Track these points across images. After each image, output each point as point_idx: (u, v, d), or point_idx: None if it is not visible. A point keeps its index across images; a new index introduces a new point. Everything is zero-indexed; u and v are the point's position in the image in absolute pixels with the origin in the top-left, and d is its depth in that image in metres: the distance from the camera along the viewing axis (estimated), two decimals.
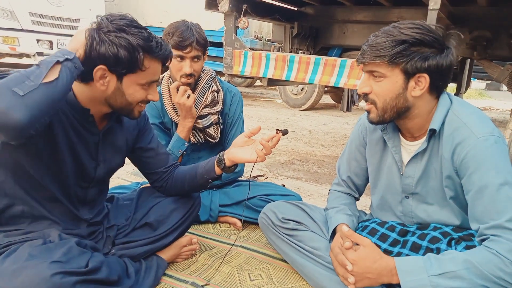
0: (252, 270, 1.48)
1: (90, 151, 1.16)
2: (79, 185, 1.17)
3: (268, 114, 5.79)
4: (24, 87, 0.82)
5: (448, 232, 1.17)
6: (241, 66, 2.73)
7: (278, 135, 1.23)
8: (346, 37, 3.53)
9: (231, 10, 2.66)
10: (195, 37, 1.61)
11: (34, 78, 0.84)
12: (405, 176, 1.23)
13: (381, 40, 1.08)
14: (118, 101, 1.06)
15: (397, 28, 1.08)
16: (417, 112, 1.14)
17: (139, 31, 1.01)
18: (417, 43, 1.05)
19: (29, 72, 0.85)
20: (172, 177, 1.39)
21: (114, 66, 1.00)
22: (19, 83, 0.82)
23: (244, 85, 9.26)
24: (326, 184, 2.71)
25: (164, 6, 7.37)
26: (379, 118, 1.15)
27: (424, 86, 1.09)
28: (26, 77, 0.84)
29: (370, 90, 1.14)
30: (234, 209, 1.87)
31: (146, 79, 1.05)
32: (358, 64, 1.17)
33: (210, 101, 1.80)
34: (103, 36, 0.97)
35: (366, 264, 1.07)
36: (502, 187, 1.00)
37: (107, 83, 1.03)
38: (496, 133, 1.06)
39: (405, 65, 1.06)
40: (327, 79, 2.34)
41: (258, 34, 6.79)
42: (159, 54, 1.04)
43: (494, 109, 8.58)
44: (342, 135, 4.58)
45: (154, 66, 1.05)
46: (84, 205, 1.22)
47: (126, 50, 0.98)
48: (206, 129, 1.82)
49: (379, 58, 1.08)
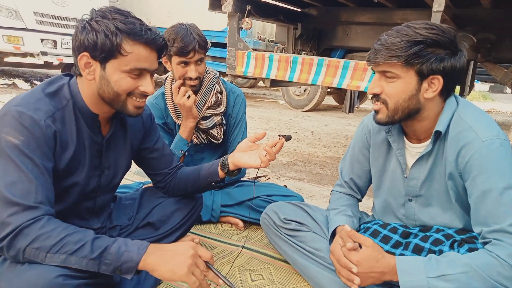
0: (254, 271, 1.48)
1: (94, 160, 1.15)
2: (86, 197, 1.16)
3: (271, 115, 5.79)
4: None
5: (451, 234, 1.16)
6: (244, 66, 2.73)
7: (281, 141, 1.23)
8: (349, 38, 3.53)
9: (234, 11, 2.67)
10: (196, 41, 1.60)
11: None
12: (409, 179, 1.23)
13: (396, 40, 1.04)
14: (106, 92, 1.03)
15: (412, 28, 1.05)
16: (426, 114, 1.13)
17: (122, 16, 0.98)
18: (433, 44, 1.03)
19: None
20: (175, 178, 1.39)
21: (93, 52, 0.98)
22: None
23: (247, 85, 9.27)
24: (328, 185, 2.70)
25: (167, 7, 7.39)
26: (388, 118, 1.13)
27: (437, 88, 1.07)
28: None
29: (381, 91, 1.11)
30: (236, 210, 1.87)
31: (130, 65, 1.00)
32: (369, 65, 1.13)
33: (213, 102, 1.79)
34: (85, 24, 0.98)
35: (370, 264, 1.06)
36: (506, 191, 0.99)
37: (93, 72, 1.02)
38: (502, 136, 1.05)
39: (420, 66, 1.04)
40: (330, 80, 2.34)
41: (262, 35, 6.79)
42: (143, 37, 0.99)
43: (498, 112, 8.54)
44: (344, 137, 4.58)
45: (138, 50, 1.00)
46: (93, 215, 1.22)
47: (104, 35, 0.96)
48: (209, 130, 1.82)
49: (394, 58, 1.04)
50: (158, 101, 1.84)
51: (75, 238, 0.92)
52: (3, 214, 0.89)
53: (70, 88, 1.06)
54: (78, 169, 1.10)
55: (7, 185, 0.91)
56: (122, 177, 1.30)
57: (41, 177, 0.95)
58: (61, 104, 1.04)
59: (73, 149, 1.07)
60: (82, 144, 1.09)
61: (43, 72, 9.04)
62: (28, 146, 0.94)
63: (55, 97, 1.04)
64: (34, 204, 0.92)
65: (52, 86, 1.05)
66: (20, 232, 0.89)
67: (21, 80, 7.25)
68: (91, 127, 1.10)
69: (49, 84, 1.06)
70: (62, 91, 1.06)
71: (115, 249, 0.92)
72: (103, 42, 0.96)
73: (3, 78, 7.24)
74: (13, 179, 0.91)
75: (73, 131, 1.06)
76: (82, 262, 0.90)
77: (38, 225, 0.91)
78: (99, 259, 0.91)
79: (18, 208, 0.90)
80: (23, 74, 8.44)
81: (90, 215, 1.20)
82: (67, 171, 1.06)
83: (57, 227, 0.92)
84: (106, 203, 1.26)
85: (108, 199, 1.27)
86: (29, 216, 0.91)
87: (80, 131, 1.08)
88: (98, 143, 1.14)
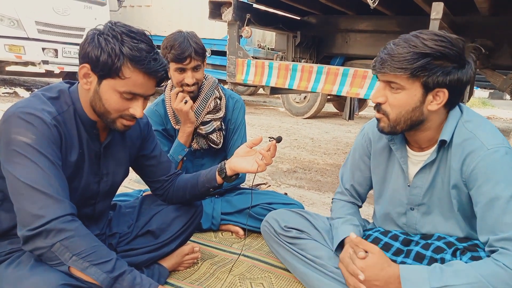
0: (254, 279, 1.47)
1: (93, 166, 1.15)
2: (85, 203, 1.17)
3: (271, 122, 5.80)
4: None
5: (453, 242, 1.15)
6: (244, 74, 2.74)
7: (273, 143, 1.24)
8: (348, 46, 3.55)
9: (234, 19, 2.69)
10: (192, 48, 1.62)
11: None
12: (412, 187, 1.22)
13: (403, 51, 1.02)
14: (97, 105, 1.05)
15: (420, 38, 1.03)
16: (429, 124, 1.12)
17: (132, 40, 1.00)
18: (440, 57, 1.01)
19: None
20: (173, 186, 1.38)
21: (94, 66, 1.00)
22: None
23: (247, 93, 9.30)
24: (329, 193, 2.70)
25: (168, 16, 7.45)
26: (390, 128, 1.13)
27: (442, 101, 1.06)
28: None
29: (385, 101, 1.11)
30: (236, 217, 1.86)
31: (125, 88, 1.01)
32: (375, 73, 1.11)
33: (212, 107, 1.80)
34: (95, 37, 0.99)
35: (374, 272, 1.05)
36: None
37: (89, 83, 1.03)
38: (507, 144, 1.04)
39: (426, 79, 1.03)
40: (330, 88, 2.35)
41: (261, 43, 6.84)
42: (145, 66, 1.00)
43: (498, 118, 8.55)
44: (344, 144, 4.58)
45: (137, 77, 1.01)
46: (91, 221, 1.22)
47: (107, 54, 0.98)
48: (209, 135, 1.83)
49: (400, 70, 1.02)
50: (158, 107, 1.86)
51: (103, 251, 0.96)
52: (33, 207, 0.91)
53: (71, 94, 1.08)
54: (78, 174, 1.11)
55: (31, 179, 0.92)
56: (120, 184, 1.30)
57: (58, 174, 0.97)
58: (62, 108, 1.05)
59: (77, 154, 1.07)
60: (82, 149, 1.10)
61: (44, 81, 9.08)
62: (41, 144, 0.95)
63: (56, 101, 1.05)
64: (61, 198, 0.94)
65: (51, 91, 1.07)
66: (55, 226, 0.90)
67: (22, 89, 7.30)
68: (90, 134, 1.12)
69: (48, 90, 1.07)
70: (63, 97, 1.07)
71: (131, 277, 0.97)
72: (105, 61, 0.98)
73: (5, 87, 7.28)
74: (35, 175, 0.92)
75: (75, 136, 1.07)
76: (100, 276, 0.93)
77: (73, 225, 0.94)
78: (116, 280, 0.94)
79: (48, 201, 0.91)
80: (24, 83, 8.49)
81: (88, 221, 1.20)
82: (69, 176, 1.06)
83: (90, 234, 0.97)
84: (104, 209, 1.27)
85: (107, 206, 1.27)
86: (61, 211, 0.92)
87: (80, 137, 1.09)
88: (97, 149, 1.15)
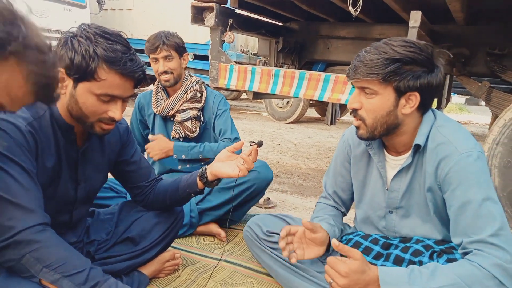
0: (237, 285, 1.46)
1: (70, 172, 1.13)
2: (62, 210, 1.14)
3: (254, 127, 5.80)
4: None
5: (430, 245, 1.18)
6: (226, 79, 2.74)
7: (254, 147, 1.24)
8: (330, 52, 3.59)
9: (217, 24, 2.68)
10: (162, 40, 1.86)
11: None
12: (390, 191, 1.24)
13: (374, 57, 1.06)
14: (74, 109, 1.02)
15: (390, 45, 1.07)
16: (405, 128, 1.15)
17: (106, 41, 0.98)
18: (410, 62, 1.05)
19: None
20: (154, 191, 1.36)
21: (68, 69, 0.98)
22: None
23: (231, 98, 9.29)
24: (311, 197, 2.71)
25: (150, 19, 7.37)
26: (369, 134, 1.15)
27: (414, 104, 1.10)
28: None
29: (360, 106, 1.14)
30: (216, 212, 1.89)
31: (102, 90, 0.99)
32: (349, 80, 1.15)
33: (190, 97, 1.98)
34: (68, 40, 0.98)
35: (357, 276, 1.06)
36: (484, 202, 1.02)
37: (65, 87, 1.01)
38: (478, 149, 1.08)
39: (398, 84, 1.07)
40: (312, 93, 2.37)
41: (244, 48, 6.85)
42: (120, 67, 0.98)
43: (474, 123, 8.81)
44: (326, 148, 4.62)
45: (113, 78, 0.99)
46: (69, 229, 1.19)
47: (81, 56, 0.96)
48: (184, 122, 1.98)
49: (372, 75, 1.07)
50: (149, 93, 2.12)
51: (76, 262, 0.93)
52: (2, 218, 0.88)
53: None
54: (55, 180, 1.08)
55: (1, 189, 0.88)
56: (99, 190, 1.27)
57: (30, 182, 0.94)
58: (37, 113, 1.02)
59: (53, 160, 1.04)
60: (59, 155, 1.07)
61: None
62: (13, 152, 0.92)
63: (31, 106, 1.01)
64: (33, 207, 0.91)
65: None
66: (24, 237, 0.88)
67: None
68: (67, 139, 1.09)
69: None
70: None
71: (107, 287, 0.94)
72: (79, 63, 0.96)
73: None
74: (5, 185, 0.89)
75: (51, 141, 1.05)
76: None
77: (44, 235, 0.90)
78: None
79: (18, 211, 0.88)
80: None
81: (66, 229, 1.17)
82: (45, 183, 1.03)
83: (61, 244, 0.93)
84: (82, 216, 1.24)
85: (84, 213, 1.24)
86: (31, 221, 0.89)
87: (57, 142, 1.06)
88: (74, 155, 1.12)
